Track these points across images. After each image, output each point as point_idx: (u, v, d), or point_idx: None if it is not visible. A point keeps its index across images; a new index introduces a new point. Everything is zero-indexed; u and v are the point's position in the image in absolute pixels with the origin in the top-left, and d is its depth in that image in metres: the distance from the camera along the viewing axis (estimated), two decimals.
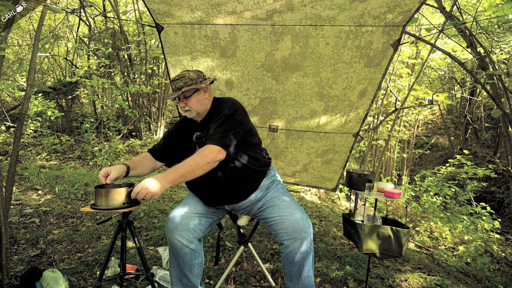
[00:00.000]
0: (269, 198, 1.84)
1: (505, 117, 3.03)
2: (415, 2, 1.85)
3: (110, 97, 7.22)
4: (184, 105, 1.82)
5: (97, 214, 3.37)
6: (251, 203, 1.85)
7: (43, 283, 2.06)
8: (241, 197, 1.82)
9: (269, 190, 1.87)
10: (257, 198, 1.84)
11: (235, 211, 1.92)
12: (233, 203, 1.84)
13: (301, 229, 1.67)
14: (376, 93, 2.49)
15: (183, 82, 1.78)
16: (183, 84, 1.78)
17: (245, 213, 1.93)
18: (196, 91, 1.81)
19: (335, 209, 5.03)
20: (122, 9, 7.66)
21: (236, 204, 1.84)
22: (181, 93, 1.80)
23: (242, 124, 1.76)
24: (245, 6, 1.99)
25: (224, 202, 1.84)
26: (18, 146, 2.18)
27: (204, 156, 1.62)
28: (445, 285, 2.60)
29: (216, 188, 1.78)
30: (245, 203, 1.84)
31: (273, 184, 1.91)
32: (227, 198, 1.82)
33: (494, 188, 7.48)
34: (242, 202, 1.83)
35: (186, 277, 1.73)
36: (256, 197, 1.84)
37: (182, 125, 1.97)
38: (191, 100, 1.81)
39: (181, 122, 1.99)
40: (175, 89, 1.80)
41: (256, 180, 1.84)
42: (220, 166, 1.71)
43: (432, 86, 8.98)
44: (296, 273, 1.71)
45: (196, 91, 1.81)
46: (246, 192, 1.82)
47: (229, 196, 1.81)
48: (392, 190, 2.09)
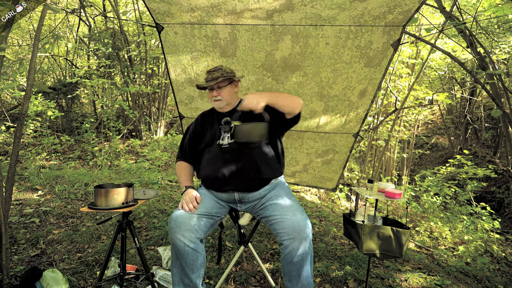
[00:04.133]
0: (273, 196, 1.86)
1: (505, 117, 3.03)
2: (415, 2, 1.85)
3: (110, 97, 7.23)
4: (217, 94, 1.93)
5: (97, 214, 3.36)
6: (260, 197, 1.89)
7: (43, 283, 2.06)
8: (255, 187, 1.87)
9: (274, 189, 1.91)
10: (264, 193, 1.89)
11: (242, 203, 1.93)
12: (245, 192, 1.87)
13: (301, 229, 1.67)
14: (376, 93, 2.49)
15: (220, 73, 1.91)
16: (220, 74, 1.91)
17: (249, 208, 1.94)
18: (230, 83, 1.96)
19: (335, 209, 5.03)
20: (122, 9, 7.67)
21: (247, 194, 1.88)
22: (216, 83, 1.91)
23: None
24: (245, 5, 1.99)
25: (239, 188, 1.87)
26: (18, 146, 2.18)
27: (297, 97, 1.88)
28: (445, 285, 2.60)
29: (236, 172, 1.84)
30: (254, 195, 1.88)
31: (280, 185, 1.95)
32: (242, 184, 1.86)
33: (494, 188, 7.48)
34: (253, 193, 1.88)
35: (188, 277, 1.73)
36: (264, 192, 1.89)
37: (204, 119, 2.07)
38: (225, 90, 1.93)
39: (202, 118, 2.09)
40: (211, 79, 1.91)
41: (274, 174, 1.92)
42: (248, 152, 1.84)
43: (432, 86, 8.97)
44: (296, 274, 1.71)
45: (231, 82, 1.95)
46: (261, 183, 1.88)
47: (245, 183, 1.86)
48: (393, 191, 2.09)
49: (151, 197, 2.06)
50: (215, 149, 1.91)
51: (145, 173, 4.99)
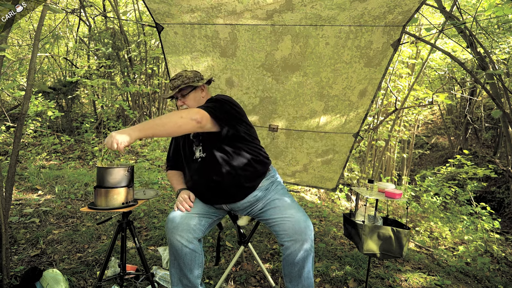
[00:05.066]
0: (270, 200, 1.81)
1: (505, 117, 3.03)
2: (415, 2, 1.85)
3: (110, 97, 7.23)
4: (182, 104, 1.87)
5: (97, 214, 3.36)
6: (250, 204, 1.82)
7: (43, 283, 2.06)
8: (239, 197, 1.80)
9: (269, 191, 1.85)
10: (257, 198, 1.82)
11: (234, 211, 1.92)
12: (230, 203, 1.83)
13: (302, 230, 1.66)
14: (376, 93, 2.49)
15: (180, 81, 1.85)
16: (180, 82, 1.85)
17: (245, 213, 1.91)
18: (193, 90, 1.87)
19: (335, 209, 5.03)
20: (122, 9, 7.67)
21: (234, 204, 1.83)
22: (179, 92, 1.85)
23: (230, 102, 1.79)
24: (245, 6, 1.99)
25: (222, 201, 1.82)
26: (18, 146, 2.18)
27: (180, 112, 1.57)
28: (445, 285, 2.60)
29: (213, 186, 1.77)
30: (243, 203, 1.82)
31: (273, 185, 1.88)
32: (224, 197, 1.80)
33: (494, 188, 7.48)
34: (240, 202, 1.81)
35: (186, 278, 1.73)
36: (256, 198, 1.82)
37: None
38: (188, 98, 1.86)
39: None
40: (173, 88, 1.87)
41: (254, 180, 1.81)
42: (218, 164, 1.73)
43: (432, 86, 8.97)
44: (296, 275, 1.71)
45: (193, 89, 1.87)
46: (243, 192, 1.80)
47: (226, 195, 1.80)
48: (393, 191, 2.09)
49: (151, 197, 2.06)
50: (191, 163, 1.84)
51: (145, 173, 4.99)
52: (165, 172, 2.19)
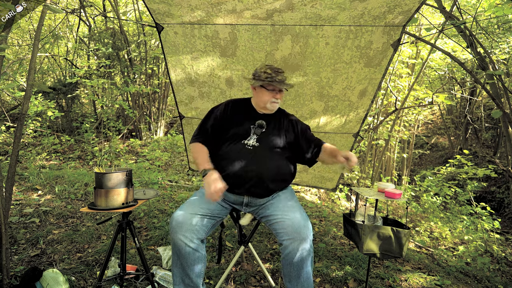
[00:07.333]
0: (275, 196, 1.87)
1: (505, 117, 3.03)
2: (415, 2, 1.85)
3: (110, 97, 7.23)
4: (280, 97, 1.91)
5: (97, 214, 3.36)
6: (265, 202, 1.88)
7: (43, 283, 2.06)
8: (266, 194, 1.85)
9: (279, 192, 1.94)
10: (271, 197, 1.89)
11: (248, 206, 1.91)
12: (255, 197, 1.85)
13: (301, 230, 1.67)
14: (376, 93, 2.49)
15: (284, 77, 1.90)
16: (285, 78, 1.89)
17: (251, 210, 1.94)
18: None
19: (335, 209, 5.03)
20: (122, 9, 7.67)
21: (256, 199, 1.86)
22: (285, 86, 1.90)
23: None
24: (245, 5, 1.99)
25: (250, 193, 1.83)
26: (18, 146, 2.18)
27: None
28: (445, 285, 2.60)
29: (253, 176, 1.80)
30: (262, 201, 1.87)
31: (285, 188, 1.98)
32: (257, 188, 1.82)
33: (494, 188, 7.48)
34: (262, 199, 1.87)
35: (188, 277, 1.73)
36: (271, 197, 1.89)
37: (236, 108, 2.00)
38: (282, 94, 1.93)
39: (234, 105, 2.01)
40: (280, 81, 1.86)
41: (285, 183, 1.93)
42: (268, 158, 1.83)
43: (432, 86, 8.97)
44: (295, 274, 1.71)
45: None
46: (272, 191, 1.86)
47: (260, 188, 1.82)
48: (393, 191, 2.09)
49: (151, 197, 2.06)
50: (238, 146, 1.84)
51: (145, 173, 4.99)
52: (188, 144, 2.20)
